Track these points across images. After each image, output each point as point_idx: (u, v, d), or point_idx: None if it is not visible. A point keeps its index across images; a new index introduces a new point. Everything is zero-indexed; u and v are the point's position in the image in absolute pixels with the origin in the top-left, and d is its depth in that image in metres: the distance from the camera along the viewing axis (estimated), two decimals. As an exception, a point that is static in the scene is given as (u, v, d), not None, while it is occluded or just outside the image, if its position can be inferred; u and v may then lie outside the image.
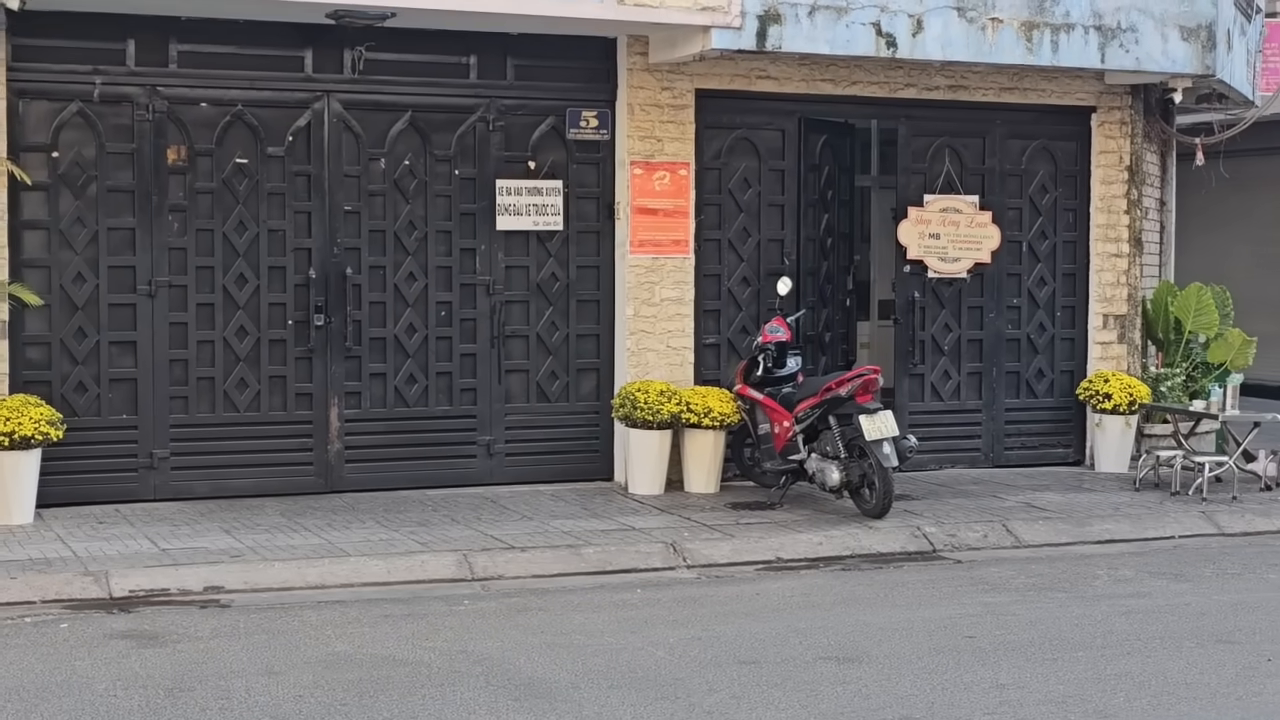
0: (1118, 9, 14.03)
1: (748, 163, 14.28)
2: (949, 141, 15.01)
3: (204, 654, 8.72)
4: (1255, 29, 16.67)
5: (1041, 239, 15.41)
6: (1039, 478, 14.73)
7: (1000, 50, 13.73)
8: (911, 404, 14.96)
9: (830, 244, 15.00)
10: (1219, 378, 15.37)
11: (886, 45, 13.31)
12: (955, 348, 15.16)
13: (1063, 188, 15.45)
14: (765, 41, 12.91)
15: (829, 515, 12.69)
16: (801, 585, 10.83)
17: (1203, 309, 15.70)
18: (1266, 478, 14.62)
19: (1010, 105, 15.07)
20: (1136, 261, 15.63)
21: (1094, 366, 15.44)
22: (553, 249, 13.76)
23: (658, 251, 13.78)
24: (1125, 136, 15.43)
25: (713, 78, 13.90)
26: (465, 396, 13.60)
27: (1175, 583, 11.07)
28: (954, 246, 14.97)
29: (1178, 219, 17.65)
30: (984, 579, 11.06)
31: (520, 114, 13.60)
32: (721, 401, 13.46)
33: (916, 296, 14.99)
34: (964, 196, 15.01)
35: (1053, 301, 15.45)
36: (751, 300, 14.28)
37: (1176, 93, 15.45)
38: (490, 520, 12.17)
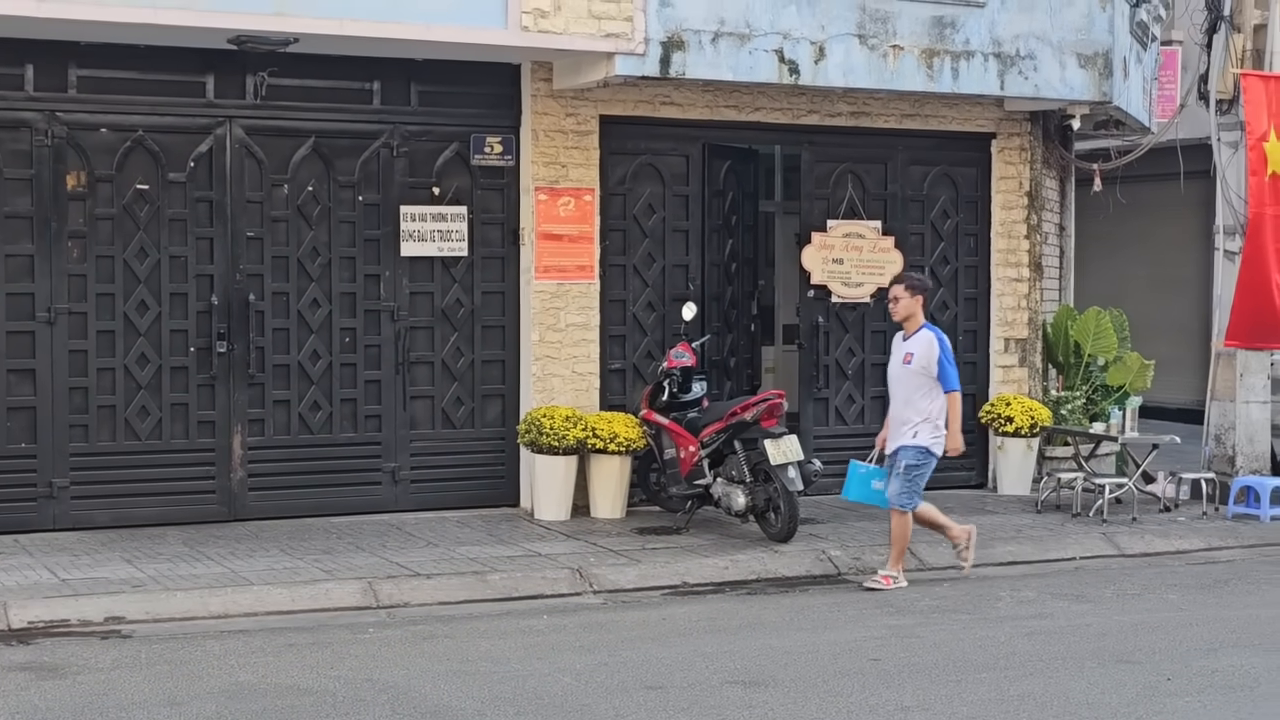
0: (1016, 37, 14.21)
1: (652, 188, 14.33)
2: (852, 167, 15.13)
3: (105, 685, 8.61)
4: (1151, 57, 16.93)
5: (943, 264, 15.55)
6: (943, 501, 14.73)
7: (902, 77, 13.86)
8: (816, 428, 15.04)
9: (735, 269, 15.07)
10: (1118, 400, 15.57)
11: (789, 72, 13.40)
12: (859, 372, 15.26)
13: (964, 213, 15.62)
14: (669, 68, 12.97)
15: (735, 539, 12.73)
16: (707, 610, 10.85)
17: (1101, 332, 15.91)
18: (1165, 499, 14.82)
19: (912, 131, 15.21)
20: (1037, 286, 15.81)
21: (996, 390, 15.60)
22: (457, 275, 13.74)
23: (563, 277, 13.79)
24: (1025, 162, 15.62)
25: (617, 104, 13.94)
26: (370, 423, 13.52)
27: (1077, 604, 11.19)
28: (857, 271, 15.08)
29: (1077, 244, 17.90)
30: (888, 602, 11.13)
31: (424, 140, 13.58)
32: (627, 427, 13.47)
33: (820, 321, 15.08)
34: (867, 222, 15.13)
35: (955, 326, 15.58)
36: (657, 325, 14.31)
37: (1075, 119, 15.65)
38: (396, 547, 12.11)
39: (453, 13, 12.34)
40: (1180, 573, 12.46)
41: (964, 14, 13.97)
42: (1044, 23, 14.29)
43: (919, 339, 11.55)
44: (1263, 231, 14.58)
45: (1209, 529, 13.97)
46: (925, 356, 11.45)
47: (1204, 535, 13.75)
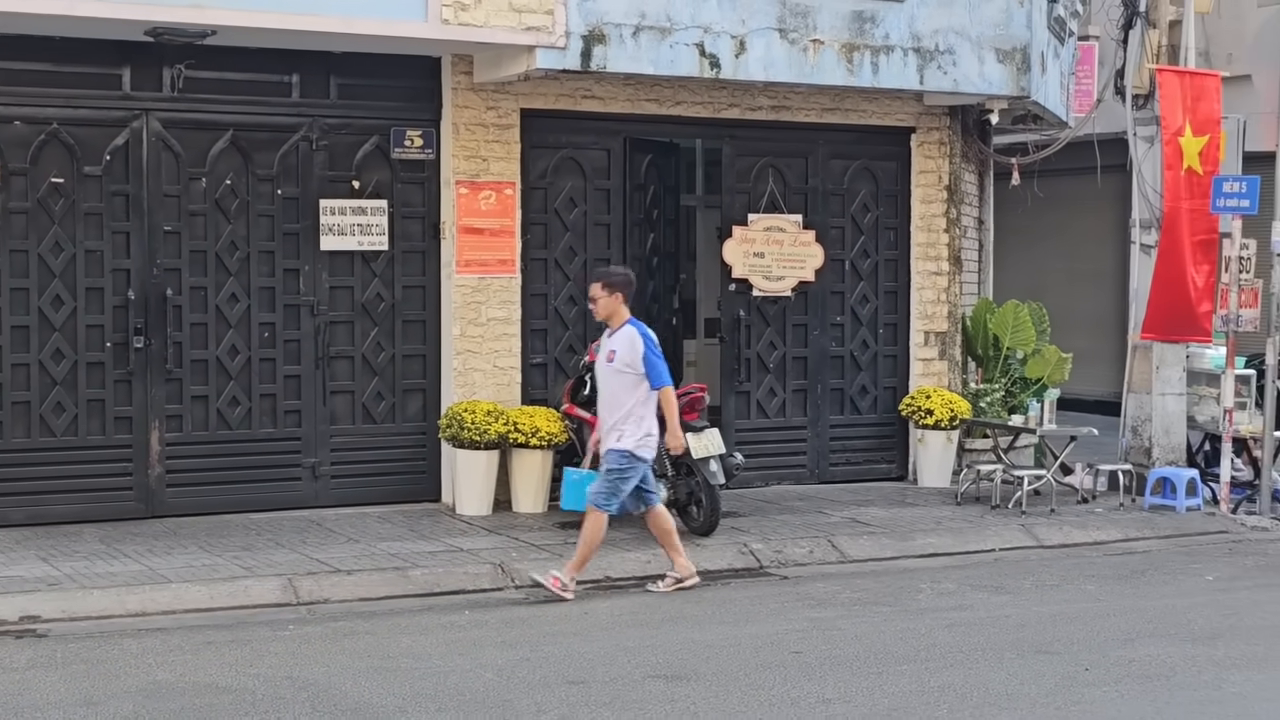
0: (935, 32, 14.28)
1: (573, 182, 14.30)
2: (772, 161, 15.17)
3: (19, 685, 8.50)
4: (1068, 52, 17.06)
5: (864, 257, 15.62)
6: (863, 493, 14.92)
7: (822, 71, 13.90)
8: (738, 421, 15.07)
9: (656, 263, 15.07)
10: (1037, 393, 15.70)
11: (710, 66, 13.41)
12: (780, 365, 15.31)
13: (884, 207, 15.69)
14: (590, 62, 12.94)
15: (657, 533, 12.72)
16: (630, 604, 10.85)
17: (1020, 326, 16.03)
18: (1083, 490, 14.96)
19: (832, 126, 15.26)
20: (956, 279, 15.91)
21: (916, 383, 15.68)
22: (378, 269, 13.66)
23: (484, 271, 13.74)
24: (944, 156, 15.71)
25: (538, 97, 13.90)
26: (289, 419, 13.43)
27: (996, 595, 11.27)
28: (778, 265, 15.12)
29: (996, 237, 18.03)
30: (810, 594, 11.17)
31: (344, 133, 13.49)
32: (549, 421, 13.44)
33: (742, 315, 15.11)
34: (788, 216, 15.17)
35: (875, 319, 15.66)
36: (578, 319, 14.29)
37: (993, 114, 15.76)
38: (316, 543, 12.03)
39: (372, 5, 12.27)
40: (1098, 563, 12.58)
41: (884, 9, 14.02)
42: (963, 18, 14.37)
43: (621, 335, 10.99)
44: (1178, 225, 14.74)
45: (1126, 520, 14.11)
46: (629, 353, 10.87)
47: (1121, 526, 13.88)
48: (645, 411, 10.93)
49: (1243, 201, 14.20)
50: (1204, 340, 15.04)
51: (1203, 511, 14.55)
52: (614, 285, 11.09)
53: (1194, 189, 14.71)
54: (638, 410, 10.91)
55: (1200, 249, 14.79)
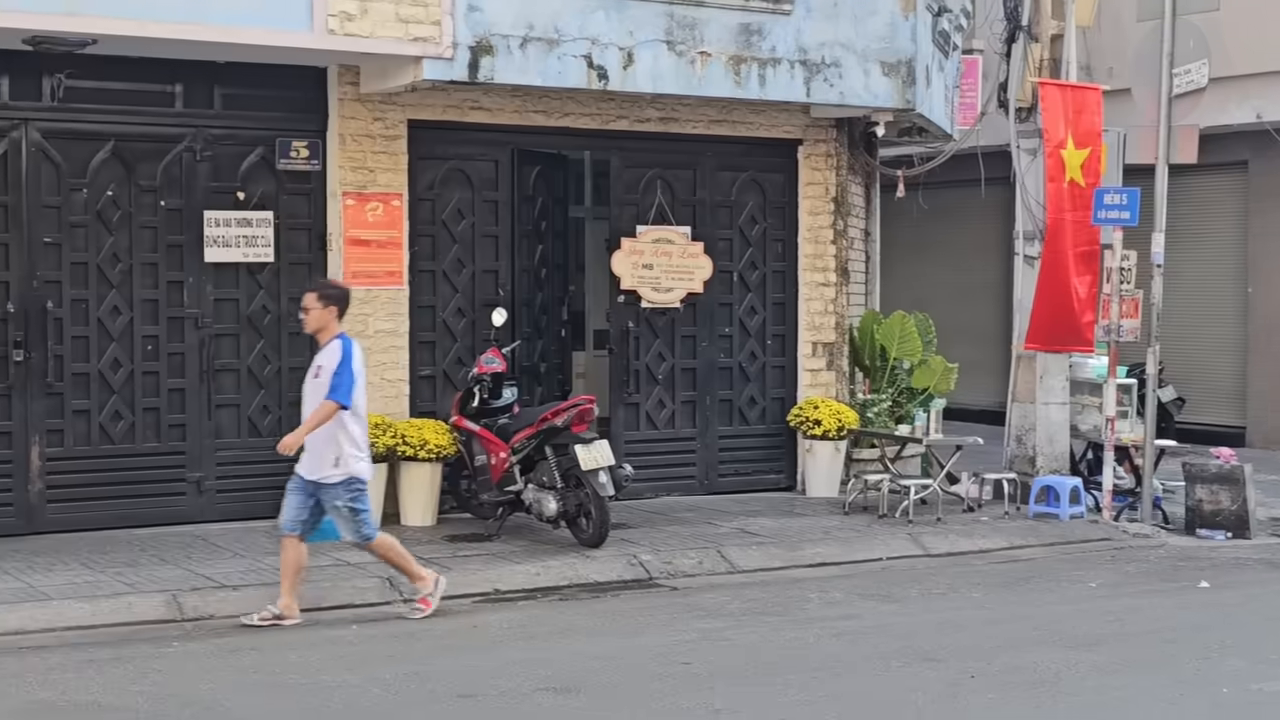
0: (822, 45, 14.38)
1: (462, 194, 14.25)
2: (661, 173, 15.20)
3: (-106, 707, 8.33)
4: (953, 65, 17.25)
5: (752, 269, 15.69)
6: (752, 503, 14.97)
7: (709, 83, 13.94)
8: (627, 433, 15.07)
9: (545, 275, 15.05)
10: (923, 403, 15.84)
11: (598, 78, 13.41)
12: (669, 377, 15.33)
13: (772, 218, 15.76)
14: (477, 73, 12.90)
15: (546, 545, 12.70)
16: (519, 616, 10.81)
17: (906, 336, 16.17)
18: (969, 499, 15.10)
19: (720, 137, 15.32)
20: (843, 290, 16.02)
21: (804, 393, 15.76)
22: (263, 281, 13.53)
23: (371, 283, 13.65)
24: (831, 169, 15.81)
25: (425, 108, 13.84)
26: (174, 433, 13.26)
27: (884, 604, 11.35)
28: (667, 277, 15.15)
29: (882, 249, 18.17)
30: (700, 605, 11.18)
31: (229, 144, 13.35)
32: (437, 434, 13.38)
33: (631, 326, 15.12)
34: (676, 227, 15.20)
35: (764, 330, 15.73)
36: (467, 331, 14.23)
37: (879, 126, 15.89)
38: (201, 559, 11.88)
39: (257, 15, 12.14)
40: (984, 571, 12.70)
41: (770, 22, 14.09)
42: (849, 31, 14.47)
43: (328, 351, 10.36)
44: (1061, 237, 14.92)
45: (1011, 528, 14.26)
46: (331, 368, 10.31)
47: (1006, 534, 14.03)
48: (357, 430, 10.36)
49: (1124, 213, 14.41)
50: (1086, 350, 15.23)
51: (1086, 519, 14.74)
52: (330, 298, 10.49)
53: (1076, 201, 14.90)
54: (349, 431, 10.31)
55: (1082, 260, 14.98)
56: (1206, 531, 14.37)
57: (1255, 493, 14.67)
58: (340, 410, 10.23)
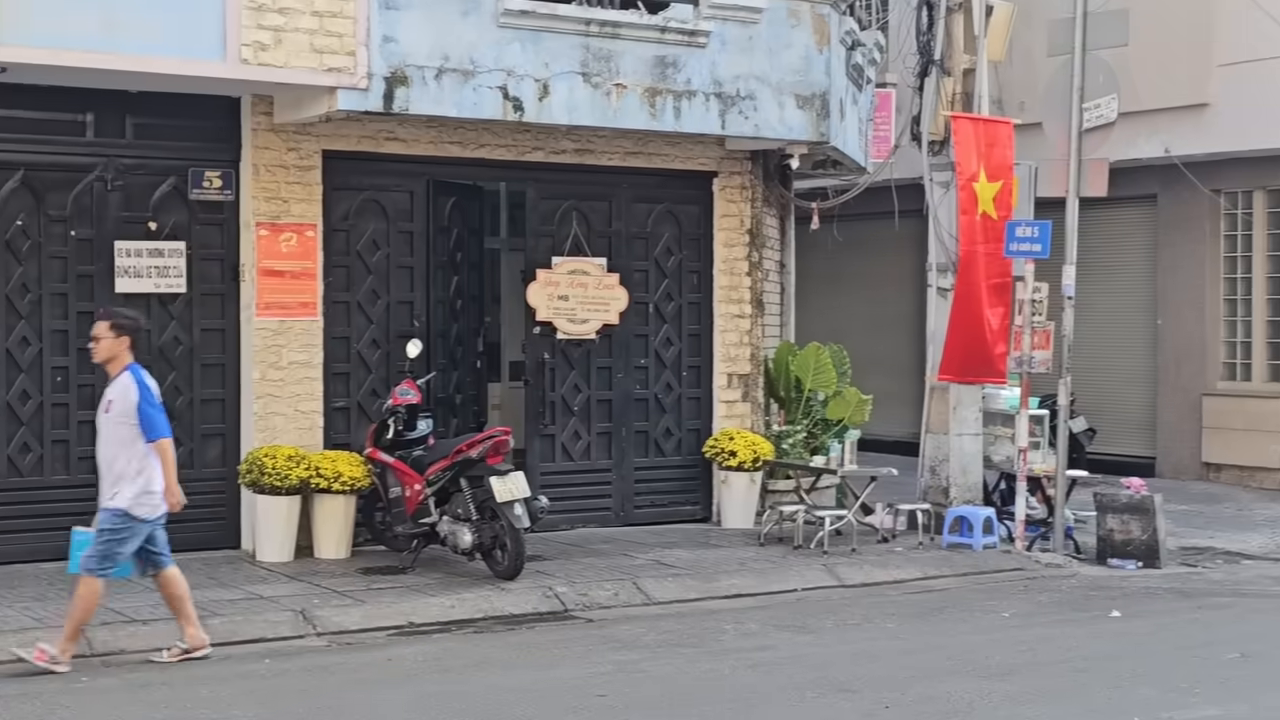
0: (737, 77, 14.45)
1: (376, 224, 14.20)
2: (576, 204, 15.21)
3: None
4: (867, 99, 17.38)
5: (668, 300, 15.71)
6: (668, 535, 14.97)
7: (625, 115, 13.98)
8: (543, 464, 15.04)
9: (460, 306, 15.01)
10: (838, 434, 15.91)
11: (514, 109, 13.41)
12: (585, 408, 15.32)
13: (687, 250, 15.80)
14: (392, 103, 12.86)
15: (462, 578, 12.64)
16: (434, 649, 10.75)
17: (821, 368, 16.25)
18: (884, 530, 15.16)
19: (636, 169, 15.36)
20: (759, 322, 16.07)
21: (720, 425, 15.79)
22: (175, 312, 13.41)
23: (285, 314, 13.56)
24: (746, 201, 15.88)
25: (340, 139, 13.79)
26: (84, 465, 13.06)
27: (799, 634, 11.36)
28: (582, 308, 15.14)
29: (797, 280, 18.26)
30: (615, 637, 11.16)
31: (140, 174, 13.24)
32: (352, 466, 13.30)
33: (546, 358, 15.11)
34: (592, 259, 15.21)
35: (679, 361, 15.76)
36: (382, 363, 14.16)
37: (794, 159, 15.98)
38: (111, 593, 11.65)
39: (170, 44, 12.05)
40: (899, 602, 12.75)
41: (686, 54, 14.15)
42: (763, 64, 14.55)
43: (119, 383, 10.05)
44: (974, 269, 15.05)
45: (925, 559, 14.33)
46: (124, 402, 9.98)
47: (920, 565, 14.10)
48: (145, 465, 10.02)
49: (1035, 246, 14.55)
50: (999, 381, 15.35)
51: (999, 549, 14.84)
52: (122, 328, 10.15)
53: (988, 233, 15.04)
54: (135, 465, 10.01)
55: (995, 292, 15.11)
56: (1118, 561, 14.50)
57: (1165, 522, 14.83)
58: (155, 442, 10.01)
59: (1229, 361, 20.64)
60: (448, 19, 13.01)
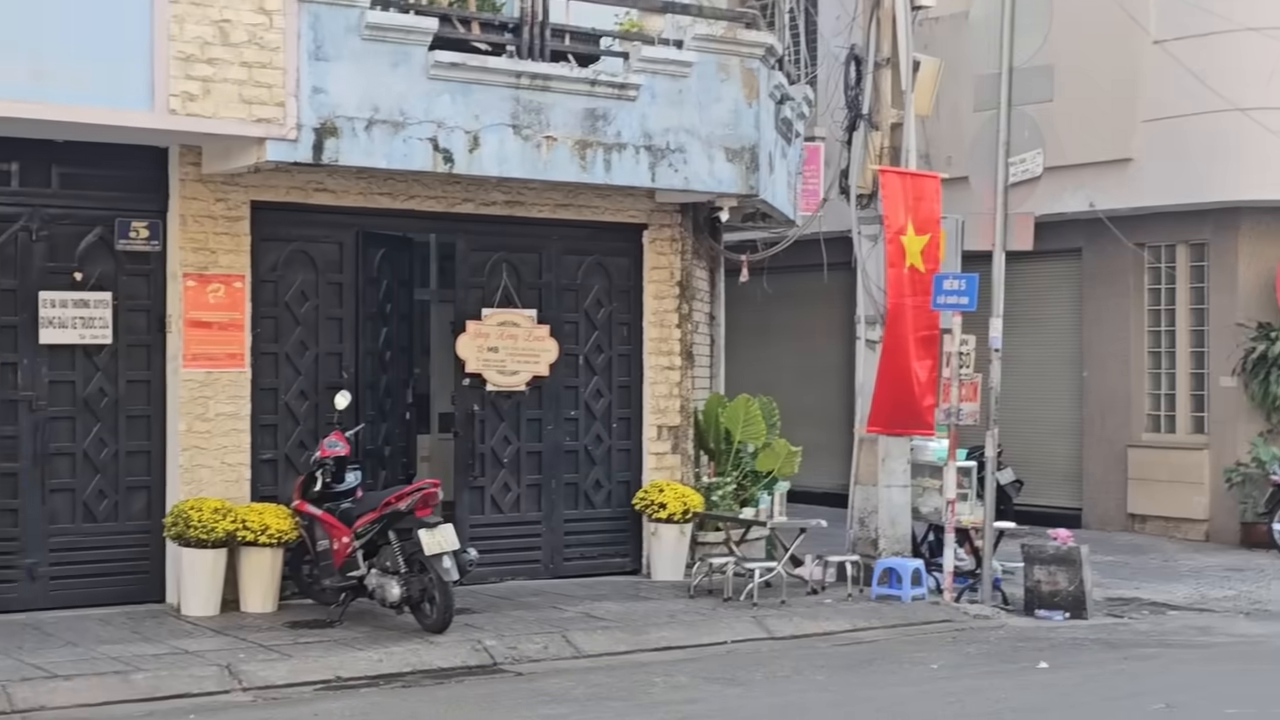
0: (667, 130, 14.50)
1: (305, 275, 14.14)
2: (507, 256, 15.20)
3: None
4: (795, 152, 17.49)
5: (598, 352, 15.71)
6: (598, 587, 14.92)
7: (555, 168, 13.99)
8: (472, 517, 14.98)
9: (389, 357, 14.95)
10: (767, 486, 15.93)
11: (444, 161, 13.40)
12: (515, 460, 15.27)
13: (617, 302, 15.82)
14: (322, 154, 12.83)
15: (390, 631, 12.55)
16: (361, 704, 10.65)
17: (751, 419, 16.27)
18: (813, 582, 15.18)
19: (566, 221, 15.37)
20: (688, 374, 16.09)
21: (649, 476, 15.78)
22: (101, 363, 13.29)
23: (212, 365, 13.47)
24: (676, 253, 15.92)
25: (269, 189, 13.73)
26: (6, 518, 12.93)
27: (729, 687, 11.34)
28: (512, 360, 15.12)
29: (727, 332, 18.31)
30: (544, 690, 11.10)
31: (66, 223, 13.13)
32: (279, 518, 13.19)
33: (476, 409, 15.07)
34: (522, 310, 15.20)
35: (609, 413, 15.75)
36: (310, 414, 14.08)
37: (723, 211, 16.03)
38: (32, 648, 11.56)
39: (98, 94, 11.98)
40: (828, 654, 12.75)
41: (616, 107, 14.20)
42: (693, 117, 14.62)
43: None
44: (902, 321, 15.14)
45: (854, 610, 14.35)
46: None
47: (850, 616, 14.11)
48: None
49: (962, 299, 14.66)
50: (927, 433, 15.43)
51: (928, 601, 14.88)
52: None
53: (916, 286, 15.14)
54: None
55: (922, 344, 15.21)
56: (1045, 612, 14.57)
57: (1092, 573, 14.92)
58: None
59: (1153, 413, 20.86)
60: (378, 70, 13.00)
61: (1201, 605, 15.44)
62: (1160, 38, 19.42)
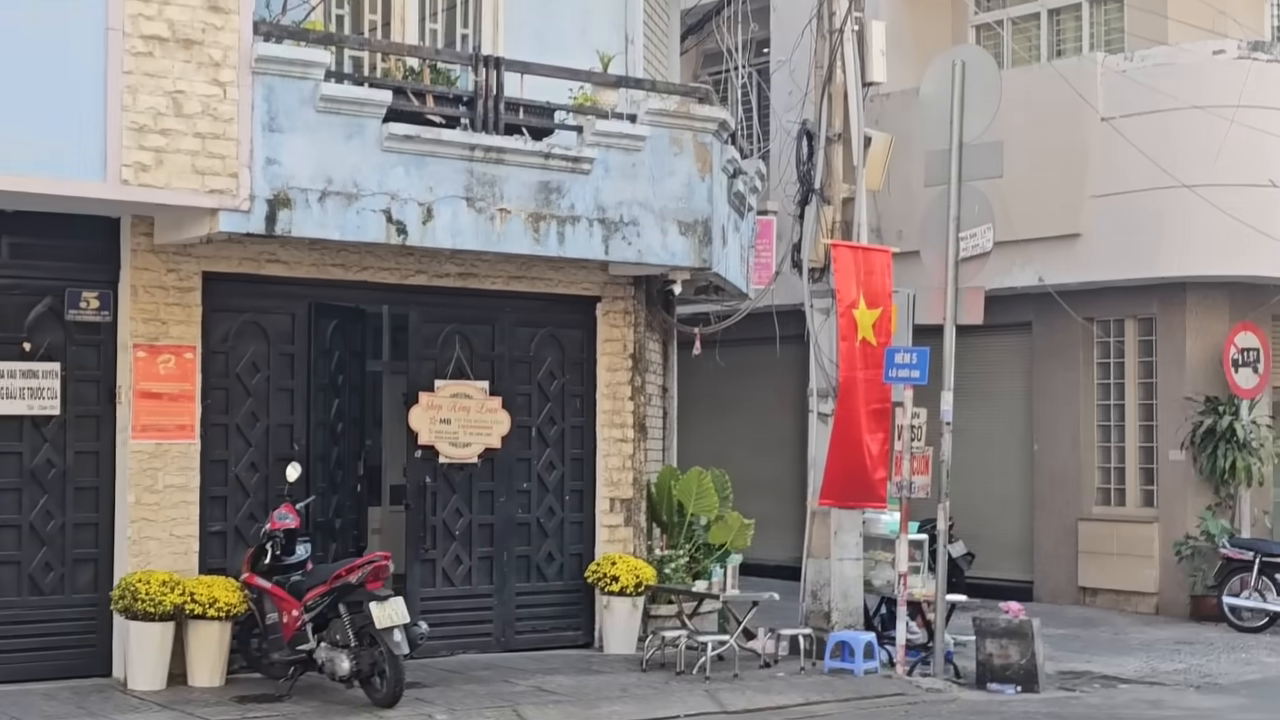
0: (620, 203, 14.55)
1: (257, 346, 14.08)
2: (460, 328, 15.19)
3: None
4: (748, 225, 17.57)
5: (550, 424, 15.69)
6: (550, 661, 14.83)
7: (509, 240, 14.01)
8: (423, 590, 14.89)
9: (341, 429, 14.89)
10: (720, 558, 15.90)
11: (398, 232, 13.40)
12: (467, 532, 15.21)
13: (570, 374, 15.81)
14: (275, 226, 12.81)
15: (339, 706, 12.43)
16: (310, 780, 10.55)
17: (704, 492, 16.26)
18: (766, 655, 15.13)
19: (519, 293, 15.38)
20: (641, 446, 16.08)
21: (602, 549, 15.73)
22: (49, 434, 13.19)
23: (162, 437, 13.38)
24: (629, 325, 15.94)
25: (221, 260, 13.70)
26: (-54, 591, 12.79)
27: (681, 762, 11.28)
28: (465, 431, 15.09)
29: (680, 404, 18.31)
30: (495, 766, 11.01)
31: (15, 293, 13.06)
32: (228, 591, 13.08)
33: (428, 481, 15.01)
34: (474, 382, 15.18)
35: (562, 485, 15.71)
36: (260, 486, 13.99)
37: (677, 284, 16.10)
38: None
39: (50, 164, 11.95)
40: (780, 728, 12.71)
41: (570, 180, 14.24)
42: (646, 191, 14.68)
43: None
44: (854, 394, 15.19)
45: (807, 684, 14.31)
46: None
47: (802, 690, 14.07)
48: None
49: (914, 372, 14.73)
50: (879, 506, 15.46)
51: (880, 674, 14.84)
52: None
53: (868, 359, 15.21)
54: None
55: (874, 417, 15.26)
56: (997, 685, 14.56)
57: (1043, 646, 14.92)
58: None
59: (1103, 486, 20.95)
60: (332, 142, 13.01)
61: (1152, 679, 15.46)
62: (1108, 115, 19.64)
